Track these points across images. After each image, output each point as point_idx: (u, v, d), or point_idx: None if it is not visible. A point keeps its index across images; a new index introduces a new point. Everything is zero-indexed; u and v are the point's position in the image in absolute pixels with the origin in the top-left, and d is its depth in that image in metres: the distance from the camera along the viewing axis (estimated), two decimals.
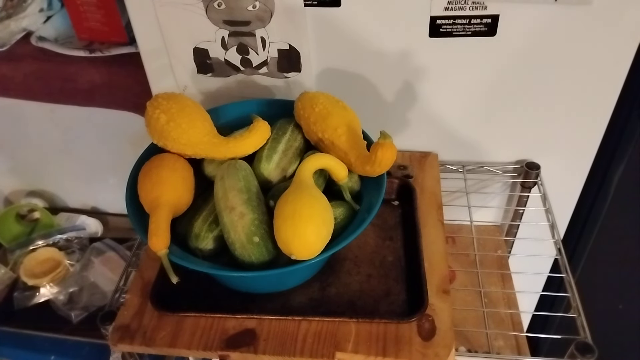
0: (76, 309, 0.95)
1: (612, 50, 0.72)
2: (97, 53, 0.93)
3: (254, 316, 0.63)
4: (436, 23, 0.72)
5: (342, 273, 0.69)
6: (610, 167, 0.88)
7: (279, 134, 0.69)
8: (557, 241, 0.78)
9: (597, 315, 0.71)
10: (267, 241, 0.60)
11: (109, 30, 0.94)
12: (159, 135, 0.66)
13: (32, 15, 0.98)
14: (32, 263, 1.00)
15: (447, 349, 0.59)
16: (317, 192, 0.61)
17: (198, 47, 0.79)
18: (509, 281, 0.88)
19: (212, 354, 0.61)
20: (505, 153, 0.87)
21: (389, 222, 0.76)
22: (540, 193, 0.86)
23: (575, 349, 0.62)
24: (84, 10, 0.93)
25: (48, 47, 0.94)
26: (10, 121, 1.01)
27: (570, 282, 0.71)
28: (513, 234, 0.96)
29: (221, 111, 0.75)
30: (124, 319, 0.64)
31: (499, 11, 0.70)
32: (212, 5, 0.73)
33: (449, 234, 0.79)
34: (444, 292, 0.65)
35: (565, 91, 0.77)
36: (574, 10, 0.69)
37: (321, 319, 0.63)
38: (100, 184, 1.13)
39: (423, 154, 0.86)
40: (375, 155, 0.62)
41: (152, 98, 0.67)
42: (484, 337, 0.72)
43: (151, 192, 0.62)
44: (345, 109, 0.68)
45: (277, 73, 0.80)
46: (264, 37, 0.76)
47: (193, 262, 0.60)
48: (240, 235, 0.59)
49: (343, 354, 0.59)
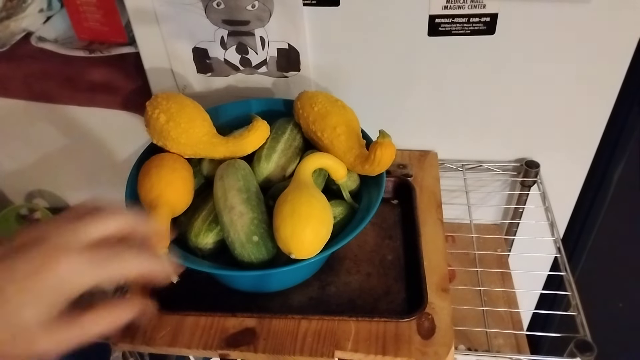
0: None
1: (611, 48, 0.72)
2: (97, 53, 0.93)
3: (253, 315, 0.63)
4: (435, 22, 0.72)
5: (341, 272, 0.70)
6: (609, 165, 0.88)
7: (278, 133, 0.69)
8: (557, 239, 0.78)
9: (596, 314, 0.71)
10: (267, 240, 0.60)
11: (109, 30, 0.94)
12: (159, 135, 0.66)
13: (31, 16, 0.99)
14: None
15: (447, 348, 0.59)
16: (316, 192, 0.61)
17: (197, 46, 0.79)
18: (509, 280, 0.88)
19: (212, 353, 0.61)
20: (504, 151, 0.87)
21: (389, 221, 0.76)
22: (540, 191, 0.86)
23: (574, 347, 0.62)
24: (83, 10, 0.93)
25: (48, 47, 0.94)
26: (10, 121, 1.01)
27: (569, 280, 0.71)
28: (513, 232, 0.96)
29: (220, 111, 0.75)
30: None
31: (498, 10, 0.70)
32: (211, 4, 0.73)
33: (448, 233, 0.79)
34: (443, 291, 0.65)
35: (565, 89, 0.77)
36: (573, 8, 0.69)
37: (321, 318, 0.63)
38: (100, 183, 1.13)
39: (422, 152, 0.87)
40: (374, 154, 0.62)
41: (152, 98, 0.67)
42: (484, 336, 0.72)
43: (151, 192, 0.62)
44: (344, 108, 0.68)
45: (276, 72, 0.81)
46: (263, 37, 0.76)
47: (193, 262, 0.60)
48: (239, 234, 0.59)
49: (343, 353, 0.59)
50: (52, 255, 0.35)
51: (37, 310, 0.35)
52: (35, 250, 0.35)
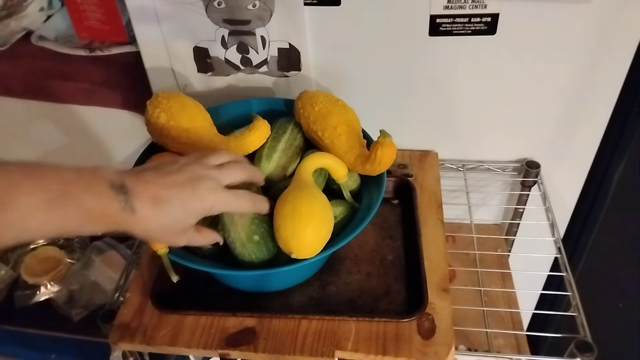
0: (77, 308, 0.95)
1: (612, 48, 0.72)
2: (97, 52, 0.93)
3: (254, 315, 0.63)
4: (436, 22, 0.72)
5: (342, 272, 0.70)
6: (610, 165, 0.88)
7: (278, 132, 0.69)
8: (557, 240, 0.78)
9: (597, 314, 0.71)
10: (267, 240, 0.60)
11: (109, 30, 0.94)
12: (159, 134, 0.66)
13: (32, 15, 0.98)
14: (32, 262, 1.00)
15: (447, 348, 0.59)
16: (317, 191, 0.61)
17: (198, 46, 0.79)
18: (509, 280, 0.88)
19: (213, 352, 0.61)
20: (505, 152, 0.87)
21: (389, 221, 0.76)
22: (540, 192, 0.86)
23: (575, 347, 0.62)
24: (84, 9, 0.93)
25: (48, 46, 0.94)
26: (10, 120, 1.01)
27: (570, 280, 0.71)
28: (513, 232, 0.96)
29: (221, 110, 0.75)
30: (125, 317, 0.64)
31: (499, 10, 0.70)
32: (212, 4, 0.73)
33: (448, 233, 0.79)
34: (443, 291, 0.65)
35: (565, 89, 0.77)
36: (574, 8, 0.69)
37: (321, 318, 0.63)
38: None
39: (423, 152, 0.86)
40: (375, 154, 0.62)
41: (153, 97, 0.67)
42: (484, 336, 0.72)
43: None
44: (345, 108, 0.68)
45: (277, 72, 0.80)
46: (264, 36, 0.76)
47: (193, 261, 0.60)
48: (240, 234, 0.59)
49: (343, 353, 0.59)
50: (212, 188, 0.50)
51: (194, 218, 0.50)
52: (199, 185, 0.49)
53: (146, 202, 0.45)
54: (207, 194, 0.49)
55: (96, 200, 0.43)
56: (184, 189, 0.48)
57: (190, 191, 0.48)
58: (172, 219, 0.48)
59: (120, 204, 0.44)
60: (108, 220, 0.44)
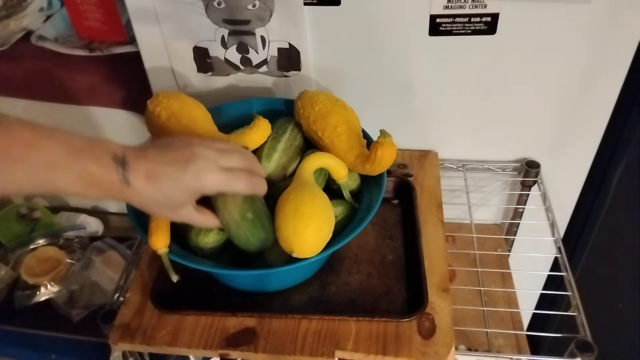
0: (77, 308, 0.95)
1: (612, 48, 0.72)
2: (97, 52, 0.93)
3: (254, 315, 0.63)
4: (436, 21, 0.72)
5: (342, 272, 0.70)
6: (610, 165, 0.88)
7: (279, 132, 0.69)
8: (557, 240, 0.78)
9: (597, 314, 0.71)
10: (262, 217, 0.60)
11: (109, 30, 0.94)
12: (159, 133, 0.66)
13: (32, 15, 0.98)
14: (32, 262, 1.00)
15: (447, 348, 0.59)
16: (318, 191, 0.61)
17: (198, 46, 0.79)
18: (509, 280, 0.88)
19: (213, 352, 0.61)
20: (505, 151, 0.87)
21: (389, 220, 0.76)
22: (540, 191, 0.86)
23: (575, 347, 0.62)
24: (83, 9, 0.93)
25: (48, 46, 0.94)
26: None
27: (570, 280, 0.71)
28: (513, 232, 0.96)
29: (221, 110, 0.75)
30: (125, 317, 0.64)
31: (499, 10, 0.70)
32: (212, 4, 0.73)
33: (448, 233, 0.79)
34: (443, 291, 0.65)
35: (565, 89, 0.77)
36: (574, 8, 0.69)
37: (321, 318, 0.63)
38: None
39: (423, 152, 0.86)
40: (375, 154, 0.62)
41: (153, 96, 0.67)
42: (484, 336, 0.72)
43: None
44: (345, 108, 0.68)
45: (277, 72, 0.80)
46: (263, 36, 0.76)
47: (193, 261, 0.60)
48: (233, 214, 0.58)
49: (343, 353, 0.59)
50: (206, 168, 0.51)
51: (185, 195, 0.52)
52: (193, 164, 0.51)
53: (140, 177, 0.48)
54: (200, 172, 0.51)
55: (98, 168, 0.46)
56: (177, 166, 0.50)
57: (182, 169, 0.50)
58: (162, 194, 0.50)
59: (118, 176, 0.47)
60: (106, 188, 0.48)
